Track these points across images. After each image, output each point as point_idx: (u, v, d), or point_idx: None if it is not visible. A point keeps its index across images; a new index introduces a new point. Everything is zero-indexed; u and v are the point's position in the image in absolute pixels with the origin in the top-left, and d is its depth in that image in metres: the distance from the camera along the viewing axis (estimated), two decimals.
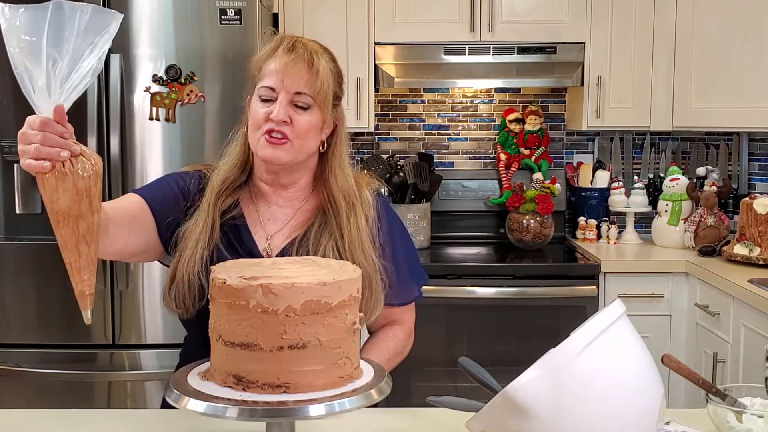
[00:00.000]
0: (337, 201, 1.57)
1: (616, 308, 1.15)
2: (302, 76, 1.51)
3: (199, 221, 1.56)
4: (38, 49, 1.15)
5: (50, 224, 1.23)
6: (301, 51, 1.52)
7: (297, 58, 1.52)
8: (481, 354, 2.87)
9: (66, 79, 1.17)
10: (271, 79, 1.53)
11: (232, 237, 1.57)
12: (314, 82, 1.52)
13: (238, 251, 1.56)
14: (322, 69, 1.52)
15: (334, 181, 1.59)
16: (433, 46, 3.38)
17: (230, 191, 1.61)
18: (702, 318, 2.98)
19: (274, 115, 1.51)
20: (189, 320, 1.56)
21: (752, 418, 1.33)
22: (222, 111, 2.86)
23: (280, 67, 1.52)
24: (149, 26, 2.83)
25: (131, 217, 1.52)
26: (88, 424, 1.53)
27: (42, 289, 2.89)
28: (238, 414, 1.13)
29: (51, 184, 1.19)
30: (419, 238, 3.46)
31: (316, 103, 1.53)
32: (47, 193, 1.20)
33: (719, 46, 3.23)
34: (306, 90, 1.52)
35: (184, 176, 1.64)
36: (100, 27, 1.19)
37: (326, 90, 1.53)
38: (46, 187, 1.19)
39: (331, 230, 1.55)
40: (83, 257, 1.24)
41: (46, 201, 1.21)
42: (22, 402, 2.83)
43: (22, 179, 2.89)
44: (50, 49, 1.15)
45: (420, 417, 1.54)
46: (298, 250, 1.55)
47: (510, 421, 1.08)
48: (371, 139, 3.79)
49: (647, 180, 3.73)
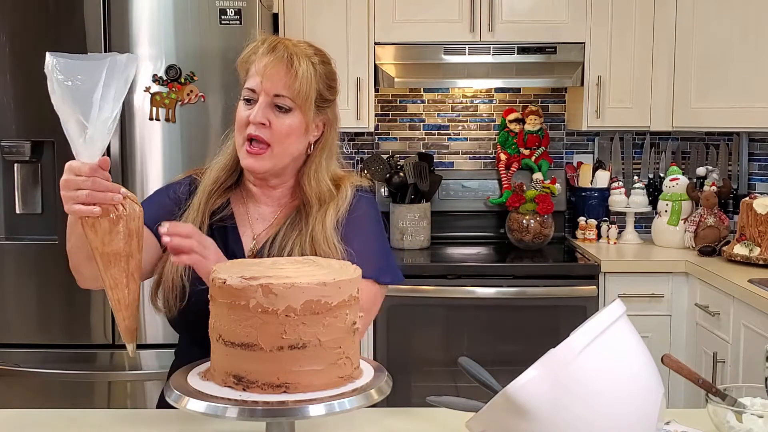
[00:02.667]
0: (311, 203, 1.57)
1: (616, 308, 1.15)
2: (281, 78, 1.50)
3: (188, 221, 1.56)
4: (90, 100, 1.21)
5: (51, 223, 1.25)
6: (281, 52, 1.51)
7: (276, 59, 1.51)
8: (481, 354, 2.87)
9: (105, 122, 1.23)
10: (252, 81, 1.53)
11: (218, 239, 1.57)
12: (293, 84, 1.50)
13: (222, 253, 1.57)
14: (302, 71, 1.50)
15: (307, 184, 1.58)
16: (433, 46, 3.38)
17: (221, 192, 1.62)
18: (702, 318, 2.98)
19: (252, 116, 1.51)
20: (173, 320, 1.58)
21: (752, 418, 1.33)
22: (222, 111, 2.86)
23: (260, 68, 1.51)
24: (149, 26, 2.83)
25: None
26: (88, 424, 1.53)
27: (42, 289, 2.89)
28: (238, 414, 1.13)
29: (104, 228, 1.25)
30: (419, 238, 3.46)
31: (296, 106, 1.52)
32: (99, 236, 1.25)
33: (719, 46, 3.23)
34: (285, 92, 1.51)
35: (175, 186, 1.65)
36: (122, 72, 1.25)
37: (307, 92, 1.51)
38: (98, 230, 1.25)
39: (300, 228, 1.55)
40: (131, 294, 1.32)
41: (96, 244, 1.26)
42: (22, 402, 2.83)
43: (22, 179, 2.89)
44: (102, 102, 1.22)
45: (420, 417, 1.54)
46: (269, 250, 1.55)
47: (510, 421, 1.08)
48: (371, 139, 3.79)
49: (647, 180, 3.73)
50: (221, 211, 1.60)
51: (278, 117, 1.52)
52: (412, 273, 3.11)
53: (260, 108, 1.51)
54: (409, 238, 3.45)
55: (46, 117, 2.74)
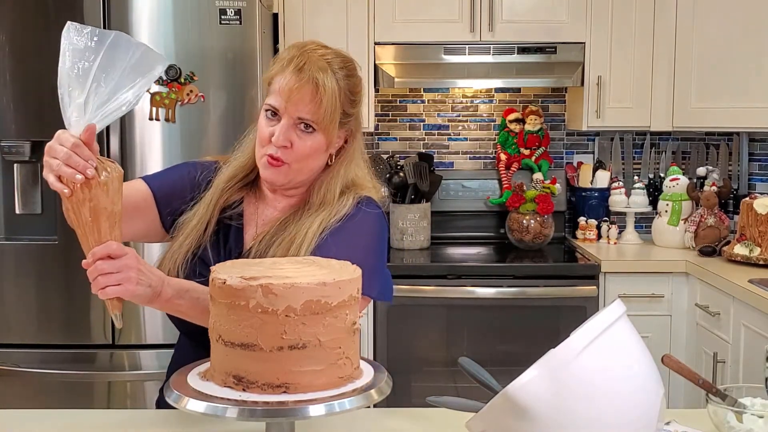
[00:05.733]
0: (310, 206, 1.56)
1: (616, 308, 1.15)
2: (306, 103, 1.48)
3: (197, 215, 1.57)
4: (88, 70, 1.24)
5: (51, 223, 1.25)
6: (307, 74, 1.47)
7: (303, 83, 1.47)
8: (481, 354, 2.88)
9: (103, 104, 1.25)
10: (276, 99, 1.50)
11: (221, 237, 1.58)
12: (317, 109, 1.48)
13: (220, 252, 1.57)
14: (327, 97, 1.48)
15: (316, 189, 1.57)
16: (433, 46, 3.38)
17: (236, 189, 1.61)
18: (702, 318, 2.98)
19: (274, 139, 1.49)
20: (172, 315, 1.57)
21: (752, 418, 1.33)
22: (222, 111, 2.86)
23: (284, 90, 1.48)
24: (149, 26, 2.83)
25: (134, 205, 1.53)
26: (87, 424, 1.53)
27: (42, 289, 2.88)
28: (238, 414, 1.13)
29: (115, 187, 1.28)
30: (419, 238, 3.46)
31: (319, 129, 1.50)
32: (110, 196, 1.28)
33: (719, 46, 3.23)
34: (308, 117, 1.48)
35: (199, 166, 1.65)
36: (146, 68, 1.28)
37: (331, 114, 1.49)
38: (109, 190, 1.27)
39: (290, 229, 1.53)
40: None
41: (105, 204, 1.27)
42: (22, 402, 2.83)
43: (22, 179, 2.89)
44: (99, 73, 1.24)
45: (420, 417, 1.54)
46: (257, 247, 1.54)
47: (510, 421, 1.08)
48: (371, 139, 3.79)
49: (647, 180, 3.73)
50: (233, 209, 1.60)
51: (300, 138, 1.50)
52: (412, 273, 3.11)
53: (282, 131, 1.48)
54: (409, 238, 3.45)
55: (46, 117, 2.76)
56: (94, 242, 1.27)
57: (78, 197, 1.26)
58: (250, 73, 2.83)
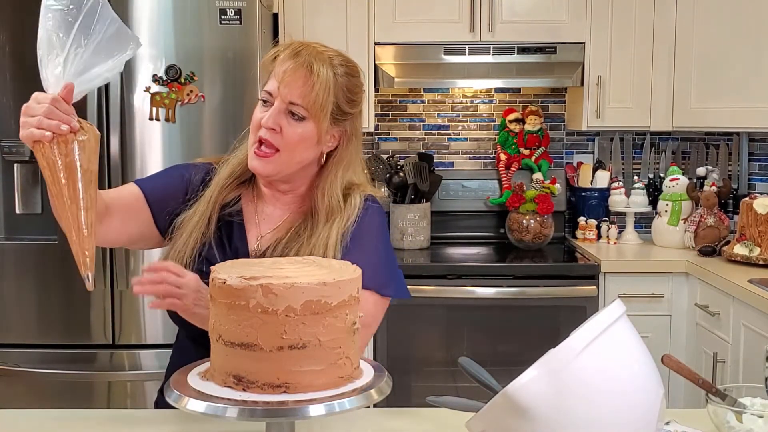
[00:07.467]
0: (318, 214, 1.56)
1: (616, 308, 1.15)
2: (298, 86, 1.48)
3: (197, 212, 1.57)
4: (69, 29, 1.25)
5: (51, 223, 1.26)
6: (302, 58, 1.49)
7: (296, 66, 1.48)
8: (481, 354, 2.88)
9: (82, 71, 1.27)
10: (270, 84, 1.52)
11: (224, 234, 1.58)
12: (308, 93, 1.48)
13: (226, 250, 1.57)
14: (320, 81, 1.48)
15: (319, 198, 1.56)
16: (433, 46, 3.38)
17: (234, 186, 1.62)
18: (702, 318, 2.98)
19: (264, 121, 1.50)
20: (171, 312, 1.56)
21: (752, 418, 1.33)
22: (222, 111, 2.86)
23: (279, 73, 1.50)
24: (149, 26, 2.83)
25: (126, 207, 1.54)
26: (88, 424, 1.53)
27: (42, 289, 2.89)
28: (238, 414, 1.13)
29: (92, 146, 1.29)
30: (419, 238, 3.46)
31: (310, 115, 1.49)
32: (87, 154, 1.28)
33: (719, 46, 3.23)
34: (299, 101, 1.48)
35: (192, 168, 1.65)
36: (122, 45, 1.30)
37: (322, 102, 1.49)
38: (86, 148, 1.28)
39: (304, 239, 1.54)
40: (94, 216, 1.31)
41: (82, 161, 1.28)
42: (22, 402, 2.83)
43: (22, 179, 2.89)
44: (79, 34, 1.25)
45: (420, 417, 1.54)
46: (272, 255, 1.54)
47: (510, 421, 1.08)
48: (371, 139, 3.79)
49: (647, 180, 3.73)
50: (231, 206, 1.60)
51: (290, 124, 1.50)
52: (412, 273, 3.11)
53: (273, 113, 1.49)
54: (409, 238, 3.45)
55: None
56: (69, 199, 1.26)
57: (54, 153, 1.26)
58: (250, 73, 2.83)
